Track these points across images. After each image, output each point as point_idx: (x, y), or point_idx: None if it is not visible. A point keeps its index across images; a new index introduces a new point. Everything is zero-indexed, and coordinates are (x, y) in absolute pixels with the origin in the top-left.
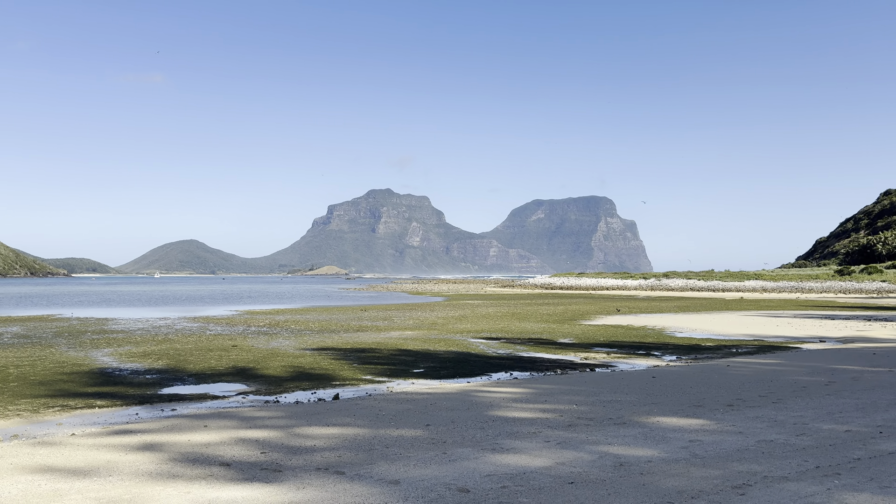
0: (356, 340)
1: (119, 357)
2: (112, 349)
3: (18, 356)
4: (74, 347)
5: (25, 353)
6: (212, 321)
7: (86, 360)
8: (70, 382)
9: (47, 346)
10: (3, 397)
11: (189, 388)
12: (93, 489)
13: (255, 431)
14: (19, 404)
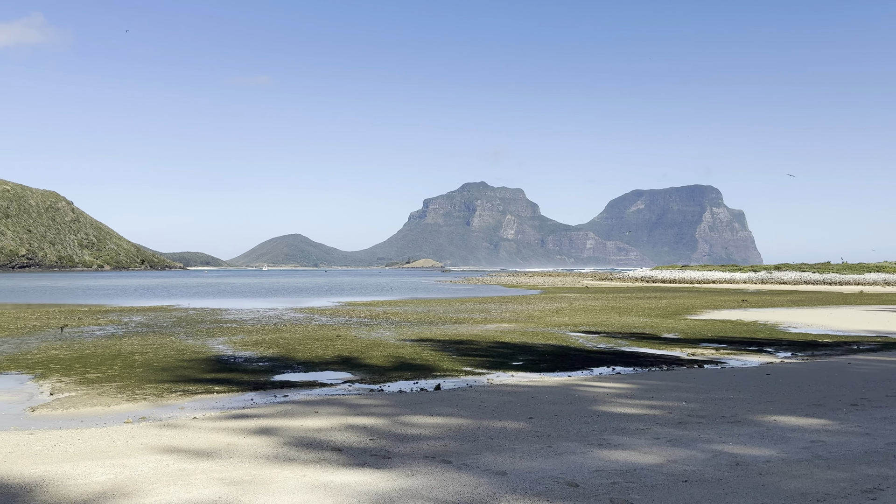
0: (454, 332)
1: (233, 345)
2: (226, 338)
3: (142, 344)
4: (192, 336)
5: (148, 341)
6: (316, 312)
7: (203, 348)
8: (189, 369)
9: (168, 335)
10: (131, 382)
11: (299, 376)
12: (216, 470)
13: (363, 419)
14: (145, 389)
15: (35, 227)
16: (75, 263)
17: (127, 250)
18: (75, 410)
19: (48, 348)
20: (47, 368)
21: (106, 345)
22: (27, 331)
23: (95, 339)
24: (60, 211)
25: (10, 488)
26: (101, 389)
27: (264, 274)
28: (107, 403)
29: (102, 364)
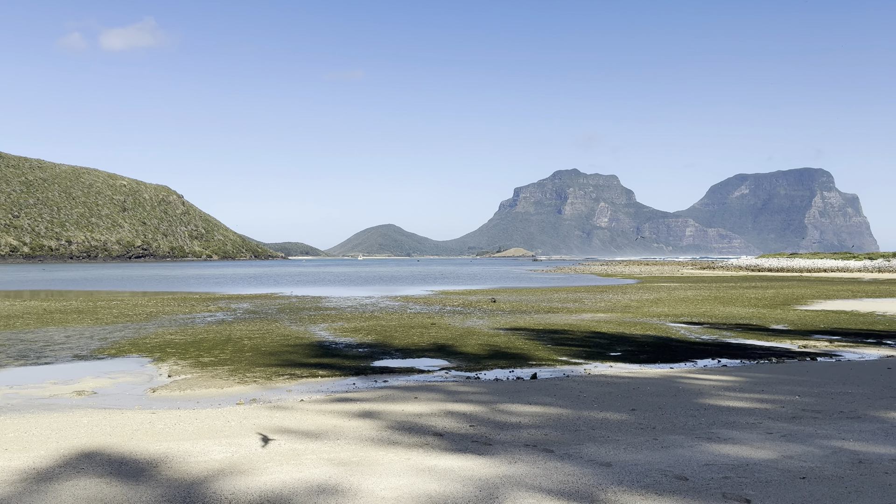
0: (548, 321)
1: (334, 332)
2: (327, 324)
3: (250, 329)
4: (295, 322)
5: (255, 326)
6: (411, 300)
7: (306, 333)
8: (294, 354)
9: (273, 321)
10: (241, 366)
11: (397, 362)
12: (324, 451)
13: (461, 405)
14: (255, 372)
15: (149, 220)
16: (186, 253)
17: (233, 241)
18: (191, 392)
19: (164, 333)
20: (164, 352)
21: (217, 330)
22: (144, 317)
23: (207, 324)
24: (172, 204)
25: (139, 463)
26: (214, 372)
27: (359, 263)
28: (220, 386)
29: (214, 348)
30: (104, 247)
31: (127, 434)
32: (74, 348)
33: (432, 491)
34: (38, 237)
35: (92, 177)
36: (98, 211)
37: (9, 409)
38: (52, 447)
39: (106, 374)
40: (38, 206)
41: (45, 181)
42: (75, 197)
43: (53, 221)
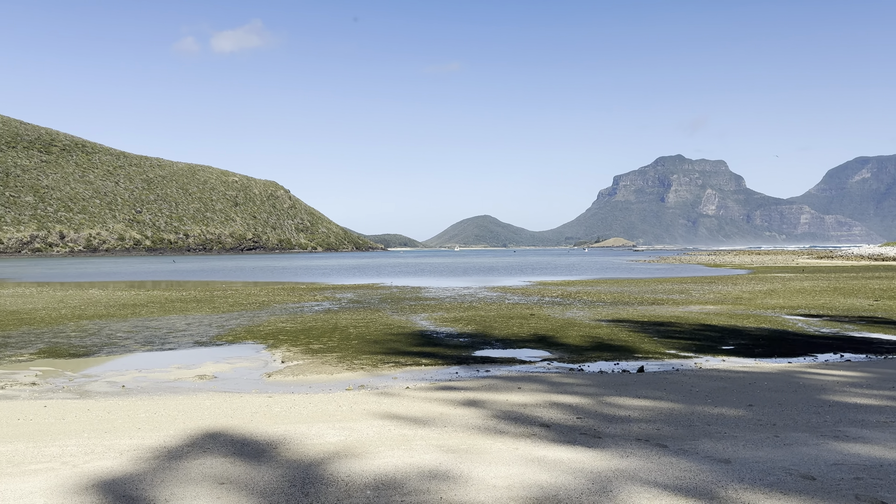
0: (652, 313)
1: (434, 321)
2: (427, 314)
3: (355, 318)
4: (397, 312)
5: (360, 316)
6: (508, 291)
7: (407, 323)
8: (397, 342)
9: (376, 311)
10: (349, 353)
11: (497, 352)
12: (433, 437)
13: (566, 397)
14: (361, 359)
15: (259, 214)
16: (293, 246)
17: (336, 233)
18: (303, 377)
19: (276, 321)
20: (277, 339)
21: (324, 319)
22: (257, 306)
23: (315, 313)
24: (279, 199)
25: (259, 444)
26: (323, 359)
27: (456, 254)
28: (330, 372)
29: (323, 336)
30: (218, 239)
31: (247, 416)
32: (195, 335)
33: (543, 481)
34: (158, 231)
35: (206, 174)
36: (212, 206)
37: (139, 392)
38: (180, 427)
39: (224, 360)
40: (158, 202)
41: (164, 179)
42: (191, 193)
43: (172, 216)
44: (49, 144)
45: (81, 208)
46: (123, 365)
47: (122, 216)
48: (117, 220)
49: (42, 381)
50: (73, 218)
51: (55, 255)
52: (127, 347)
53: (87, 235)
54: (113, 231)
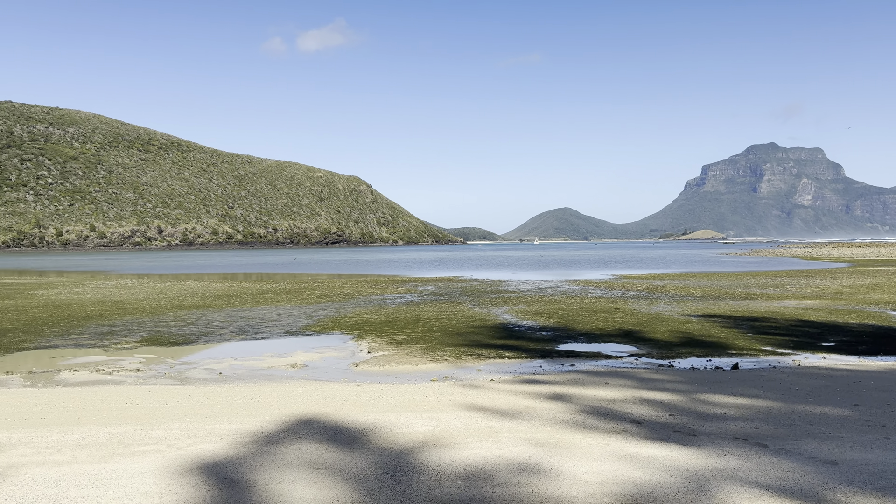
0: (745, 308)
1: (515, 314)
2: (508, 307)
3: (437, 311)
4: (478, 305)
5: (441, 308)
6: (591, 284)
7: (489, 315)
8: (479, 335)
9: (457, 303)
10: (432, 345)
11: (582, 346)
12: (520, 430)
13: (656, 393)
14: (445, 351)
15: (342, 208)
16: (374, 239)
17: (416, 227)
18: (389, 367)
19: (361, 312)
20: (363, 330)
21: (407, 311)
22: (343, 297)
23: (398, 305)
24: (362, 193)
25: (350, 431)
26: (408, 350)
27: (536, 247)
28: (414, 363)
29: (406, 327)
30: (304, 233)
31: (337, 404)
32: (285, 325)
33: (637, 478)
34: (249, 226)
35: (293, 170)
36: (299, 201)
37: (235, 379)
38: (275, 413)
39: (314, 349)
40: (249, 197)
41: (254, 175)
42: (279, 189)
43: (262, 211)
44: (147, 143)
45: (178, 204)
46: (220, 353)
47: (216, 211)
48: (211, 215)
49: (145, 367)
50: (170, 213)
51: (153, 249)
52: (223, 336)
53: (183, 230)
54: (207, 226)
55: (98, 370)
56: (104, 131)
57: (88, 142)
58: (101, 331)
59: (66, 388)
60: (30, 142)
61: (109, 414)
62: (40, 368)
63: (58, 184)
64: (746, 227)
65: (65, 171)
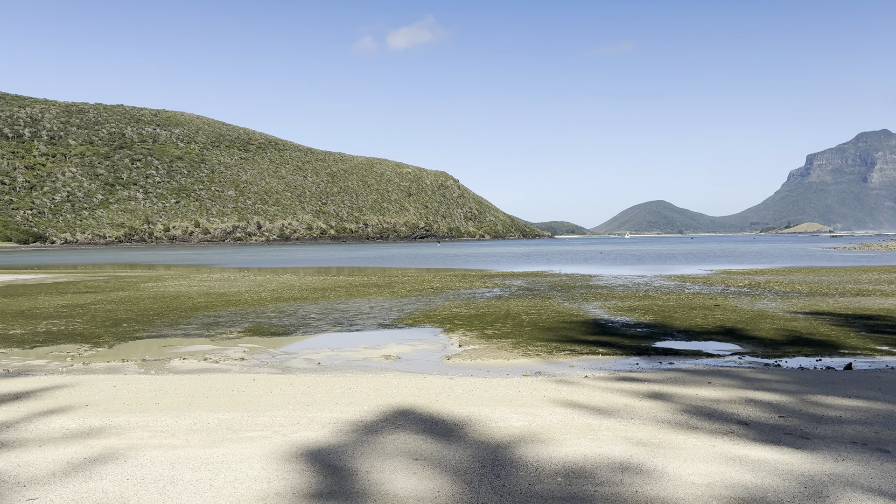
0: (857, 305)
1: (608, 310)
2: (600, 303)
3: (526, 305)
4: (568, 300)
5: (531, 303)
6: (687, 280)
7: (579, 311)
8: (571, 330)
9: (546, 298)
10: (523, 339)
11: (680, 344)
12: (620, 428)
13: (764, 394)
14: (536, 346)
15: (430, 203)
16: (462, 233)
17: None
18: (480, 361)
19: (450, 306)
20: (453, 324)
21: (496, 305)
22: (432, 291)
23: (486, 299)
24: (449, 188)
25: (446, 423)
26: (498, 344)
27: (626, 241)
28: (506, 357)
29: (496, 322)
30: (394, 228)
31: (432, 396)
32: (378, 318)
33: (748, 482)
34: (341, 221)
35: (383, 166)
36: (388, 196)
37: (333, 369)
38: (373, 403)
39: (406, 342)
40: (341, 194)
41: (345, 172)
42: (370, 185)
43: (353, 207)
44: (247, 143)
45: (275, 201)
46: (317, 344)
47: (310, 207)
48: (305, 211)
49: (249, 356)
50: (268, 210)
51: (253, 244)
52: (319, 328)
53: (280, 225)
54: (302, 221)
55: (205, 359)
56: (207, 132)
57: (193, 142)
58: (207, 321)
59: (176, 375)
60: (139, 143)
61: (218, 400)
62: (153, 356)
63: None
64: (856, 219)
65: (171, 171)
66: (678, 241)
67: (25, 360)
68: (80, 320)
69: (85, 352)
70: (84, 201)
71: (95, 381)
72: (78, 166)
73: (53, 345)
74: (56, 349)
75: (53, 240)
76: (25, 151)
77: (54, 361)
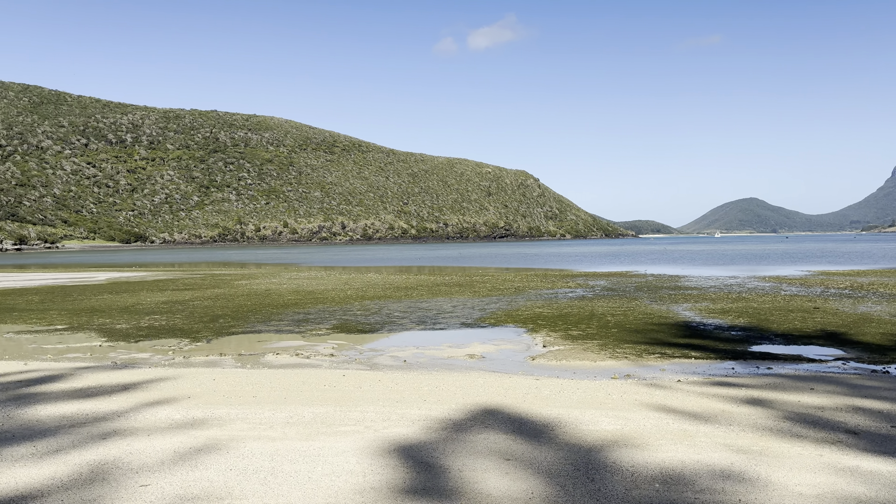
0: None
1: (699, 312)
2: (690, 304)
3: (611, 306)
4: (655, 301)
5: (615, 304)
6: (783, 281)
7: (668, 313)
8: (660, 333)
9: (632, 299)
10: (609, 341)
11: (778, 348)
12: (718, 435)
13: (872, 402)
14: (624, 348)
15: (510, 203)
16: (542, 233)
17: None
18: (566, 363)
19: (533, 306)
20: (536, 324)
21: (579, 305)
22: (513, 291)
23: (569, 300)
24: (529, 187)
25: (535, 424)
26: (584, 346)
27: (717, 241)
28: (592, 359)
29: (580, 323)
30: (473, 228)
31: (518, 397)
32: (460, 317)
33: (860, 494)
34: (422, 221)
35: (462, 166)
36: (468, 196)
37: (418, 367)
38: (460, 402)
39: (489, 341)
40: (422, 194)
41: (426, 172)
42: (450, 185)
43: (433, 207)
44: (332, 146)
45: (359, 201)
46: (402, 341)
47: (392, 207)
48: (387, 211)
49: (338, 352)
50: (352, 210)
51: (337, 243)
52: (403, 326)
53: (364, 225)
54: (384, 221)
55: (297, 354)
56: (295, 135)
57: (281, 145)
58: (297, 318)
59: (271, 369)
60: (232, 146)
61: (311, 395)
62: (248, 351)
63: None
64: None
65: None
66: (772, 241)
67: (131, 353)
68: (179, 316)
69: (185, 346)
70: (181, 203)
71: (196, 374)
72: (175, 169)
73: (156, 339)
74: (158, 343)
75: (153, 239)
76: (127, 156)
77: (157, 355)
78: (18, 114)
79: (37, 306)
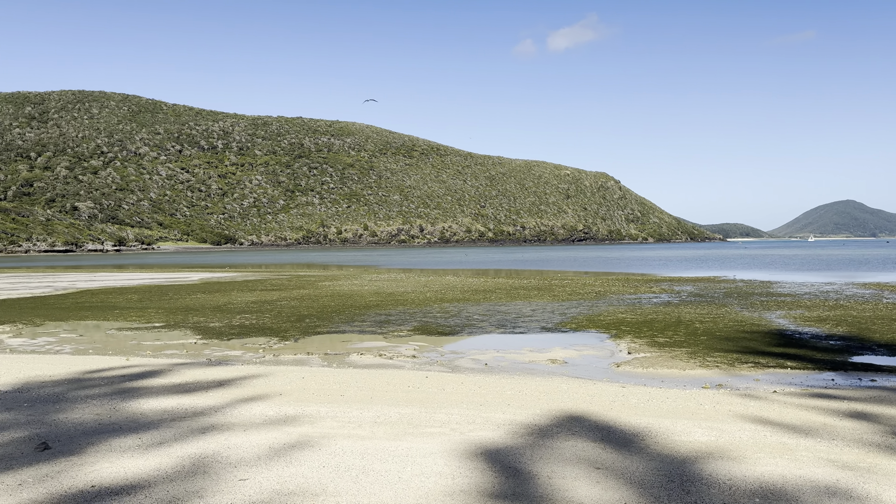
0: None
1: (793, 320)
2: (783, 312)
3: (698, 312)
4: (746, 308)
5: (703, 310)
6: (885, 288)
7: (761, 320)
8: (752, 341)
9: (721, 306)
10: (698, 349)
11: (883, 360)
12: (820, 449)
13: None
14: (714, 356)
15: (589, 205)
16: (622, 236)
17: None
18: (653, 370)
19: (615, 311)
20: (619, 329)
21: (665, 311)
22: (594, 295)
23: (654, 305)
24: (609, 189)
25: (624, 433)
26: (672, 353)
27: (810, 245)
28: (681, 367)
29: (666, 329)
30: (551, 231)
31: (605, 404)
32: (540, 321)
33: None
34: (499, 224)
35: (540, 169)
36: (546, 199)
37: (500, 370)
38: (544, 407)
39: (571, 346)
40: (499, 197)
41: (503, 175)
42: (527, 187)
43: (511, 210)
44: (411, 150)
45: (436, 204)
46: (482, 344)
47: (469, 210)
48: (465, 214)
49: (419, 354)
50: (429, 213)
51: (415, 246)
52: (483, 329)
53: (441, 228)
54: (461, 224)
55: (380, 354)
56: (375, 140)
57: (362, 150)
58: (379, 319)
59: (356, 369)
60: (315, 152)
61: (396, 395)
62: (333, 351)
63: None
64: None
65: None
66: (871, 245)
67: (223, 351)
68: (268, 315)
69: (274, 344)
70: (268, 206)
71: (286, 372)
72: (263, 174)
73: (247, 337)
74: (249, 341)
75: (242, 241)
76: (218, 161)
77: (248, 352)
78: (119, 122)
79: (136, 304)
